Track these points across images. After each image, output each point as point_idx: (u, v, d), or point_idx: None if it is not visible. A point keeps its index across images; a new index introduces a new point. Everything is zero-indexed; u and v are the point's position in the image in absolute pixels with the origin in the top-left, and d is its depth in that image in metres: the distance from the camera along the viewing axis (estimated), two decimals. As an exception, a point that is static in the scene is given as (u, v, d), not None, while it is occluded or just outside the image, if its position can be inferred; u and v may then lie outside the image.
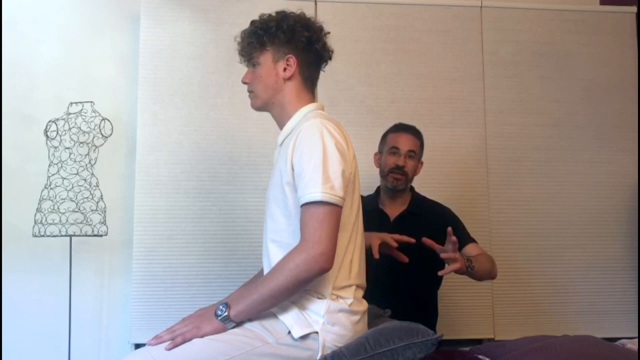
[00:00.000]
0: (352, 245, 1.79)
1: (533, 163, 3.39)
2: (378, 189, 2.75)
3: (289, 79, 1.86)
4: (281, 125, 1.90)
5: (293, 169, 1.72)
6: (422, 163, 2.70)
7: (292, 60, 1.85)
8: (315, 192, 1.65)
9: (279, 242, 1.77)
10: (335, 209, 1.67)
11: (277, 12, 1.89)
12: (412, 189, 2.74)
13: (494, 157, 3.37)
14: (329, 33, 1.93)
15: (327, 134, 1.71)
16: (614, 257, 3.38)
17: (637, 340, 2.24)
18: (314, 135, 1.70)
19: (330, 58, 1.94)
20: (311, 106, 1.86)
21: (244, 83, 1.94)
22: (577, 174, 3.41)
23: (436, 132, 3.31)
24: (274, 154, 1.96)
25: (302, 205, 1.67)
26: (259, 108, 1.93)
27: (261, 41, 1.86)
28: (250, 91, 1.93)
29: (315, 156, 1.68)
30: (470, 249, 2.52)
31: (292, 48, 1.85)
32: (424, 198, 2.74)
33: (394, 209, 2.65)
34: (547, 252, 3.35)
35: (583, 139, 3.43)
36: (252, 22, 1.90)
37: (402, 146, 2.61)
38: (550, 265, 3.34)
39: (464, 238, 2.54)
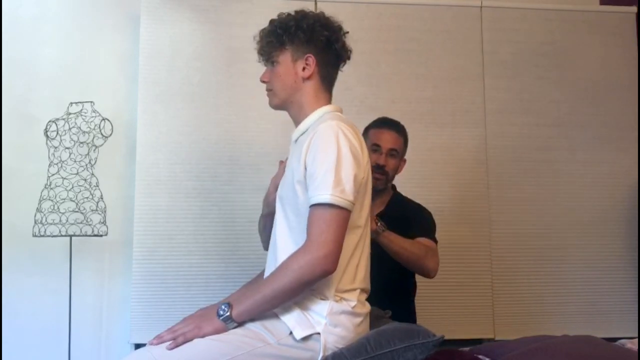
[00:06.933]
0: (360, 250, 1.78)
1: (533, 163, 3.39)
2: None
3: (308, 78, 1.85)
4: (297, 123, 1.89)
5: (306, 169, 1.71)
6: (405, 161, 2.62)
7: (311, 60, 1.84)
8: (325, 194, 1.64)
9: (287, 239, 1.77)
10: (343, 212, 1.66)
11: (296, 12, 1.88)
12: (393, 187, 2.67)
13: (494, 157, 3.37)
14: (347, 32, 1.92)
15: (342, 137, 1.70)
16: (614, 257, 3.38)
17: (637, 340, 2.24)
18: (330, 137, 1.70)
19: (349, 58, 1.93)
20: (329, 107, 1.86)
21: (263, 82, 1.93)
22: (577, 174, 3.41)
23: (436, 132, 3.32)
24: (289, 150, 1.94)
25: (311, 206, 1.67)
26: (277, 106, 1.92)
27: (280, 40, 1.85)
28: (268, 90, 1.91)
29: (329, 158, 1.67)
30: (418, 239, 2.43)
31: (311, 47, 1.84)
32: (404, 199, 2.66)
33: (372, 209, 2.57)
34: (547, 251, 3.35)
35: (583, 139, 3.43)
36: (271, 21, 1.89)
37: (383, 144, 2.53)
38: (550, 265, 3.34)
39: (420, 230, 2.46)
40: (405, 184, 2.72)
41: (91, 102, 3.00)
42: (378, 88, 3.32)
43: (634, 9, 3.53)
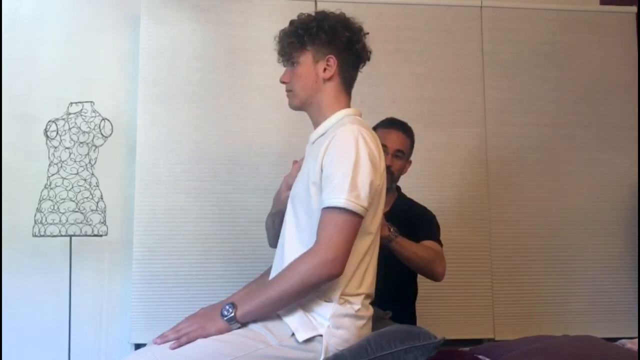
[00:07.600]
0: (369, 257, 1.78)
1: (533, 163, 3.39)
2: None
3: (329, 79, 1.84)
4: (316, 125, 1.88)
5: (322, 170, 1.71)
6: (410, 162, 2.62)
7: (333, 61, 1.83)
8: (340, 198, 1.63)
9: (295, 239, 1.77)
10: (356, 218, 1.66)
11: (316, 12, 1.88)
12: (398, 189, 2.67)
13: (494, 157, 3.37)
14: (367, 33, 1.91)
15: (362, 142, 1.70)
16: (614, 257, 3.38)
17: (637, 340, 2.24)
18: (349, 141, 1.69)
19: (368, 59, 1.92)
20: (349, 110, 1.85)
21: (283, 82, 1.91)
22: (577, 174, 3.41)
23: (436, 132, 3.31)
24: (305, 150, 1.93)
25: (324, 208, 1.66)
26: (296, 107, 1.91)
27: (302, 41, 1.84)
28: (288, 90, 1.90)
29: (347, 162, 1.67)
30: (425, 243, 2.44)
31: (332, 48, 1.83)
32: (408, 200, 2.66)
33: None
34: (547, 252, 3.35)
35: (583, 139, 3.43)
36: (292, 22, 1.88)
37: (390, 144, 2.52)
38: (550, 265, 3.34)
39: (427, 234, 2.47)
40: (406, 184, 2.72)
41: (91, 102, 3.00)
42: (378, 88, 3.32)
43: (634, 9, 3.53)
